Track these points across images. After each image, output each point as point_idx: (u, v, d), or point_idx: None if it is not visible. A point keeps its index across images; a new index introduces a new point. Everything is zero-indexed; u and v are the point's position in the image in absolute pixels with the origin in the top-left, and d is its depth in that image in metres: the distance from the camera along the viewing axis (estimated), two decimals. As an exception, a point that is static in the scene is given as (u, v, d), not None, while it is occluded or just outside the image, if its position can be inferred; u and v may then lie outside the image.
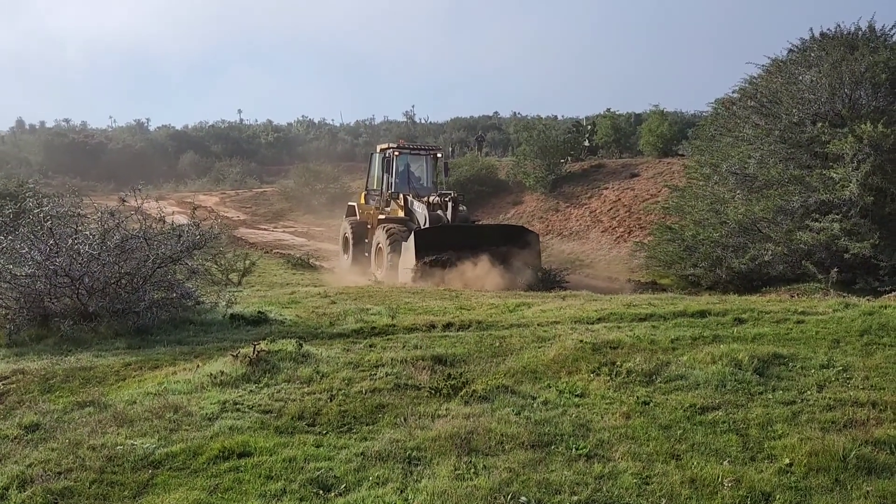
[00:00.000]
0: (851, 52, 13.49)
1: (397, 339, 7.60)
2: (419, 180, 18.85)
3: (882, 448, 4.31)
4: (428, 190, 18.22)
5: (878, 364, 5.98)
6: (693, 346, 6.69)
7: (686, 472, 4.05)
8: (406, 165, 18.55)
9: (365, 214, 18.81)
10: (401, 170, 18.25)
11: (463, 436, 4.49)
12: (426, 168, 19.14)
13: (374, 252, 17.21)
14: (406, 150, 18.77)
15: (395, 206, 17.71)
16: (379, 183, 18.61)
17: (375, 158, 19.04)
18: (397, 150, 18.29)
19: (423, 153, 19.32)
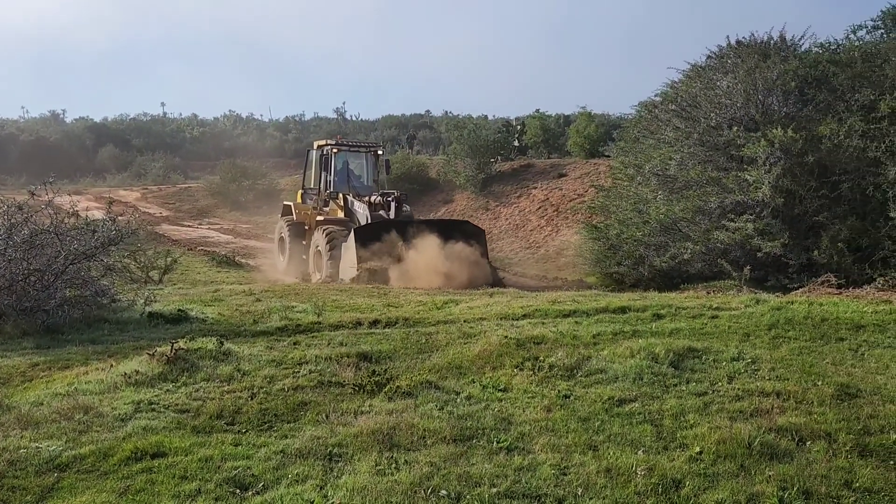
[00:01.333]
0: (764, 60, 14.08)
1: (322, 336, 7.53)
2: (359, 179, 18.16)
3: (784, 435, 4.53)
4: (368, 189, 17.55)
5: (783, 356, 6.28)
6: (613, 340, 6.86)
7: (602, 461, 4.15)
8: (345, 163, 17.82)
9: (302, 214, 18.06)
10: (339, 168, 17.49)
11: (385, 431, 4.49)
12: (366, 166, 18.41)
13: (312, 255, 16.52)
14: (345, 148, 18.01)
15: (334, 207, 17.08)
16: (316, 181, 17.91)
17: (312, 155, 18.35)
18: (336, 146, 17.48)
19: (363, 150, 18.58)
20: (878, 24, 13.40)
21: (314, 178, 18.12)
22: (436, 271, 13.74)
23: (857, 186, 11.85)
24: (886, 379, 5.68)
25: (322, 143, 17.96)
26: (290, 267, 17.54)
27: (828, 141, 12.01)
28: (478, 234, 15.78)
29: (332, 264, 15.13)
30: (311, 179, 18.36)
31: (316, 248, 16.27)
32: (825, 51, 14.07)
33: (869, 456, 4.32)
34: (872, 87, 12.33)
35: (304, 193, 18.60)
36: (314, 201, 17.84)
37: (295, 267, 17.38)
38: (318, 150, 17.93)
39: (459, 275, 13.82)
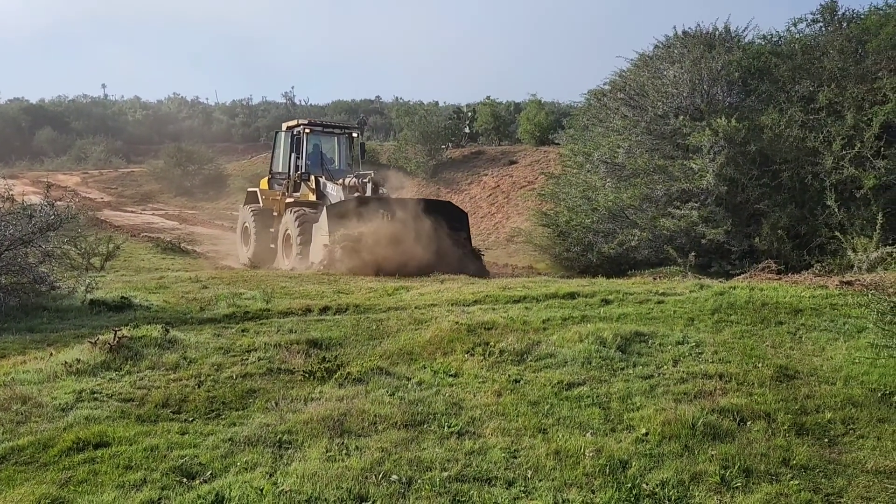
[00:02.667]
0: (709, 50, 14.37)
1: (271, 323, 7.43)
2: (332, 163, 17.01)
3: (726, 415, 4.66)
4: (342, 174, 16.12)
5: (725, 340, 6.45)
6: (563, 325, 6.95)
7: (552, 444, 4.21)
8: (317, 146, 16.73)
9: (269, 201, 16.93)
10: (311, 151, 16.41)
11: (336, 418, 4.47)
12: (340, 149, 17.25)
13: (281, 241, 15.39)
14: (318, 128, 16.82)
15: (305, 190, 16.00)
16: (285, 165, 16.83)
17: (281, 138, 17.25)
18: (308, 127, 16.32)
19: (338, 132, 17.39)
20: (816, 17, 13.80)
21: (283, 161, 17.07)
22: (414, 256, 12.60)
23: (796, 175, 12.22)
24: (822, 361, 5.89)
25: (293, 124, 16.84)
26: (255, 257, 16.53)
27: (769, 131, 12.34)
28: (460, 216, 14.85)
29: (303, 249, 14.15)
30: (280, 163, 17.28)
31: (285, 232, 15.22)
32: (767, 43, 14.44)
33: (805, 434, 4.48)
34: (811, 79, 12.72)
35: (271, 179, 17.50)
36: (283, 186, 16.75)
37: (261, 257, 16.38)
38: (287, 131, 16.87)
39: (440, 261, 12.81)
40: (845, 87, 12.02)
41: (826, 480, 3.91)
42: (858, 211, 11.39)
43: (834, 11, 13.56)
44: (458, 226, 14.19)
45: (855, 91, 11.84)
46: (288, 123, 17.16)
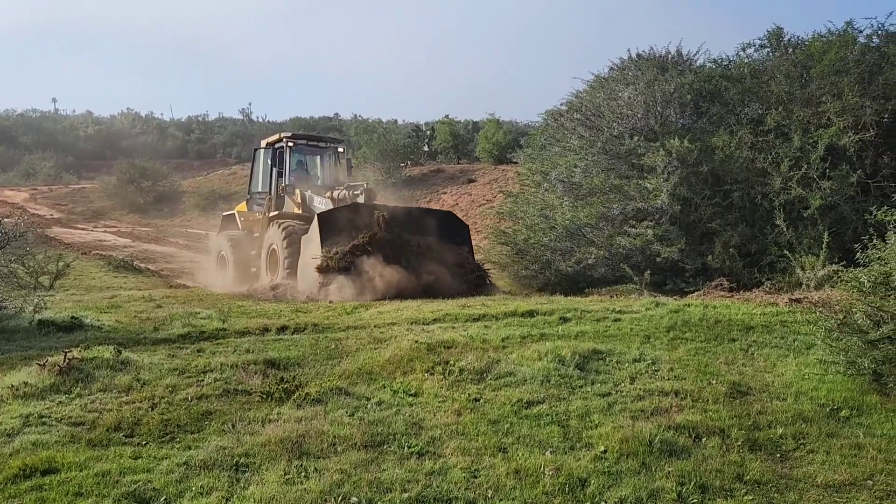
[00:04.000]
0: (663, 73, 14.72)
1: (228, 343, 7.32)
2: (316, 180, 16.00)
3: (682, 432, 4.74)
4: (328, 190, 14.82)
5: (681, 357, 6.57)
6: (522, 344, 6.99)
7: (512, 463, 4.22)
8: (301, 161, 15.88)
9: (249, 223, 15.90)
10: (294, 167, 15.44)
11: (294, 439, 4.41)
12: (326, 166, 16.32)
13: (265, 257, 14.17)
14: (302, 142, 15.83)
15: (289, 207, 14.91)
16: (266, 184, 15.71)
17: (261, 155, 16.23)
18: (292, 140, 15.31)
19: (323, 146, 16.36)
20: (764, 43, 14.23)
21: (263, 180, 16.02)
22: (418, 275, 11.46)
23: (746, 195, 12.53)
24: (773, 377, 6.04)
25: (274, 139, 15.80)
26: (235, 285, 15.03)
27: (720, 152, 12.65)
28: (462, 229, 13.66)
29: (291, 265, 12.90)
30: (260, 183, 16.22)
31: (270, 247, 13.98)
32: (718, 66, 14.83)
33: (758, 450, 4.57)
34: (760, 102, 13.10)
35: (250, 200, 16.45)
36: (264, 206, 15.63)
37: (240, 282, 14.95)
38: (268, 147, 15.87)
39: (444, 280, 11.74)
40: (792, 110, 12.41)
41: (778, 495, 3.99)
42: (806, 230, 11.72)
43: (780, 37, 14.01)
44: (460, 240, 13.17)
45: (801, 114, 12.23)
46: (268, 139, 16.14)
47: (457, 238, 12.93)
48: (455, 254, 12.45)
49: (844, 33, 12.78)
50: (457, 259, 12.36)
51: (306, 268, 11.97)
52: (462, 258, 12.55)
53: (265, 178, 15.86)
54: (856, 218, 11.22)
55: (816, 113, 12.06)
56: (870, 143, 11.51)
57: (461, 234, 13.32)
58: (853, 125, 11.51)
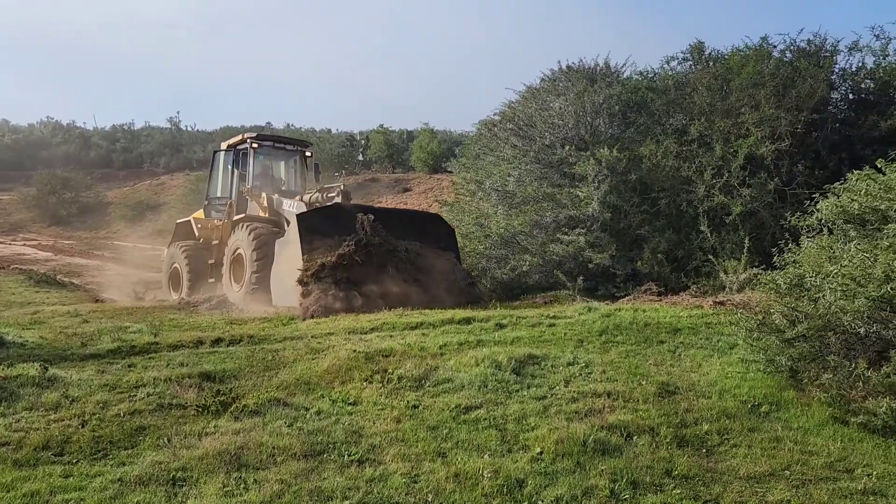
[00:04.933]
0: (592, 84, 15.15)
1: (160, 357, 7.16)
2: (281, 186, 14.86)
3: (614, 431, 4.91)
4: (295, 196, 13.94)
5: (612, 359, 6.79)
6: (459, 350, 7.09)
7: (451, 467, 4.30)
8: (265, 165, 14.82)
9: (207, 230, 14.77)
10: (258, 171, 14.37)
11: (233, 452, 4.38)
12: (292, 170, 15.30)
13: (228, 266, 12.94)
14: (268, 144, 14.73)
15: (254, 208, 13.74)
16: (225, 188, 14.70)
17: (220, 158, 15.19)
18: (257, 141, 14.25)
19: (291, 150, 15.24)
20: (686, 56, 14.82)
21: (222, 185, 14.98)
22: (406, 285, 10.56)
23: (672, 203, 13.00)
24: (699, 376, 6.31)
25: (236, 142, 14.71)
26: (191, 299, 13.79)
27: (647, 161, 13.09)
28: (449, 233, 12.71)
29: (261, 271, 11.79)
30: (219, 187, 15.17)
31: (234, 253, 12.76)
32: (644, 78, 15.37)
33: (686, 446, 4.78)
34: (684, 113, 13.62)
35: (207, 206, 15.31)
36: (224, 212, 14.53)
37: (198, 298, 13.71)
38: (229, 150, 14.77)
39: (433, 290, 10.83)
40: (713, 120, 12.95)
41: (705, 488, 4.19)
42: (728, 236, 12.23)
43: (701, 51, 14.61)
44: (445, 244, 12.20)
45: (722, 125, 12.77)
46: (230, 141, 15.09)
47: (441, 243, 12.00)
48: (443, 261, 11.57)
49: (760, 48, 13.43)
50: (444, 266, 11.48)
51: (282, 275, 10.77)
52: (450, 265, 11.67)
53: (225, 183, 14.83)
54: (774, 223, 11.78)
55: (736, 123, 12.62)
56: (785, 152, 12.11)
57: (447, 238, 12.34)
58: (770, 135, 12.09)
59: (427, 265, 11.14)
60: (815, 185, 10.74)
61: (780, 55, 13.23)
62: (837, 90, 13.35)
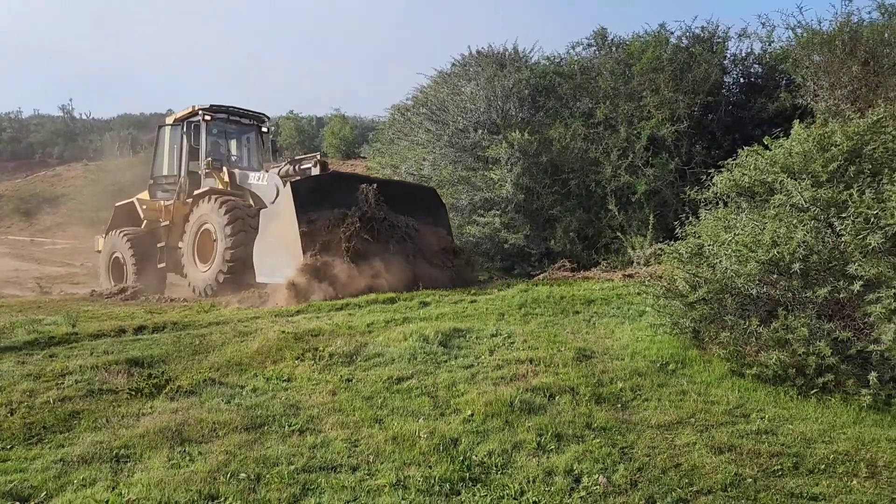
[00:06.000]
0: (501, 69, 15.57)
1: (83, 346, 7.04)
2: (237, 162, 13.73)
3: (538, 393, 5.27)
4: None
5: (532, 329, 7.18)
6: (386, 327, 7.31)
7: (389, 432, 4.54)
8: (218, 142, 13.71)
9: (155, 212, 13.46)
10: (209, 148, 13.22)
11: (174, 428, 4.46)
12: (248, 145, 14.16)
13: (191, 245, 11.74)
14: (222, 117, 13.48)
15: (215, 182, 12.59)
16: (173, 166, 13.46)
17: (166, 134, 13.94)
18: (209, 114, 13.09)
19: (246, 123, 14.06)
20: (591, 42, 15.45)
21: (169, 162, 13.71)
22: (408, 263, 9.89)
23: (582, 183, 13.60)
24: (612, 341, 6.77)
25: (185, 115, 13.49)
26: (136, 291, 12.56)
27: (557, 143, 13.64)
28: (439, 206, 11.78)
29: (237, 246, 10.73)
30: (165, 165, 13.86)
31: (198, 230, 11.55)
32: (551, 63, 15.91)
33: (603, 402, 5.19)
34: (590, 97, 14.24)
35: (153, 185, 14.06)
36: (172, 193, 13.33)
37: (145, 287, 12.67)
38: (176, 125, 13.62)
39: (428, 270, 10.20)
40: (618, 104, 13.61)
41: (621, 437, 4.59)
42: (634, 213, 12.93)
43: (604, 37, 15.26)
44: (436, 220, 11.39)
45: (625, 108, 13.45)
46: (177, 114, 13.84)
47: (432, 218, 11.17)
48: (437, 237, 10.92)
49: (658, 34, 14.17)
50: (441, 243, 10.84)
51: (269, 250, 9.78)
52: (446, 242, 11.02)
53: (173, 160, 13.62)
54: (675, 201, 12.54)
55: (639, 107, 13.31)
56: (684, 133, 12.90)
57: (438, 213, 11.52)
58: (670, 117, 12.84)
59: (424, 242, 10.54)
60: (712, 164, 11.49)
61: (676, 41, 14.00)
62: (729, 74, 14.28)
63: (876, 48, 11.31)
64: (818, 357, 5.09)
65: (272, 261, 9.70)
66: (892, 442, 4.38)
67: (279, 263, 9.46)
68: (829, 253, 5.27)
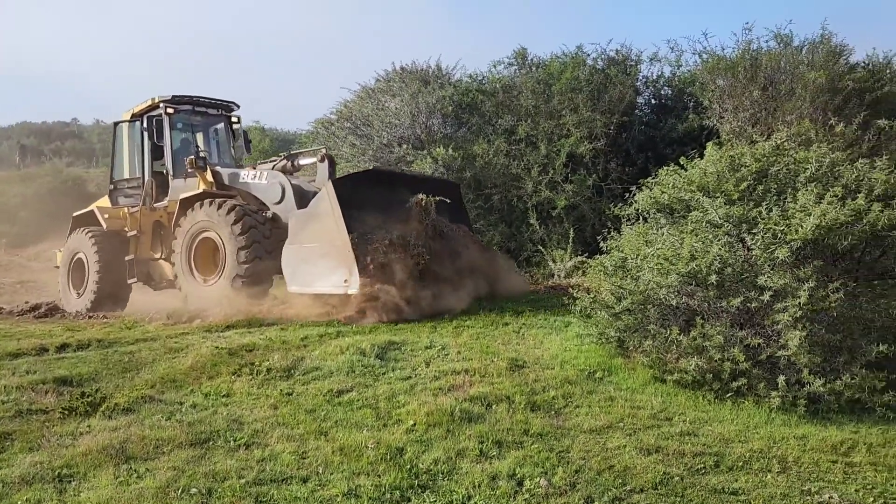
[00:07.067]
0: (425, 85, 15.85)
1: (2, 366, 6.77)
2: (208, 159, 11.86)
3: (476, 402, 5.47)
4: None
5: (465, 341, 7.38)
6: (321, 341, 7.37)
7: (335, 443, 4.63)
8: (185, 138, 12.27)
9: (120, 221, 11.94)
10: (176, 147, 11.84)
11: (116, 446, 4.42)
12: (216, 138, 12.69)
13: (186, 255, 10.42)
14: (186, 109, 12.01)
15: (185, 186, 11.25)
16: (135, 167, 12.00)
17: (124, 132, 12.33)
18: (172, 105, 11.62)
19: (213, 114, 12.54)
20: (512, 61, 15.94)
21: (129, 164, 12.17)
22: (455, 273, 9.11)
23: (504, 198, 13.99)
24: (542, 351, 7.06)
25: (144, 108, 11.90)
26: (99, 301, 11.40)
27: (480, 159, 13.99)
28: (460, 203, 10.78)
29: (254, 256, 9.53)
30: (125, 168, 12.28)
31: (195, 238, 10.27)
32: (474, 81, 16.29)
33: (538, 409, 5.44)
34: (512, 114, 14.68)
35: (114, 191, 12.47)
36: (137, 197, 11.92)
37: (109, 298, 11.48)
38: (135, 121, 12.08)
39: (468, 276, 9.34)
40: (538, 122, 14.10)
41: (557, 442, 4.84)
42: (554, 227, 13.40)
43: (525, 57, 15.77)
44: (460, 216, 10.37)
45: (546, 126, 13.95)
46: (135, 108, 12.21)
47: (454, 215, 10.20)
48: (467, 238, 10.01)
49: (576, 56, 14.78)
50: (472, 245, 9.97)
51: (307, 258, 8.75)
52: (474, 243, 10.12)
53: (134, 161, 12.10)
54: (593, 215, 13.10)
55: (558, 125, 13.83)
56: (601, 151, 13.49)
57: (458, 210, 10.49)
58: (588, 136, 13.41)
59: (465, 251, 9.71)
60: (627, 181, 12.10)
61: (593, 63, 14.64)
62: (642, 96, 15.06)
63: (774, 74, 12.21)
64: (732, 363, 5.50)
65: (310, 269, 8.73)
66: (799, 439, 4.81)
67: (319, 272, 8.59)
68: (742, 266, 5.72)
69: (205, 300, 9.65)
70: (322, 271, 8.56)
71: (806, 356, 5.21)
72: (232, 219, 9.68)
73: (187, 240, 10.42)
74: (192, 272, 10.38)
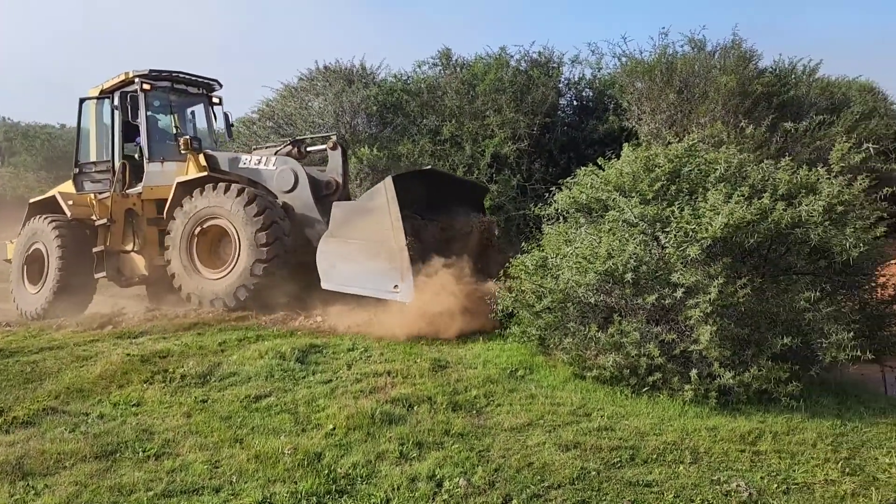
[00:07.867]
0: (349, 85, 15.68)
1: None
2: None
3: (397, 404, 5.42)
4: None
5: (388, 343, 7.31)
6: (240, 346, 7.17)
7: (251, 450, 4.50)
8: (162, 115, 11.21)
9: (86, 208, 10.87)
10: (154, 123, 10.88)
11: (13, 462, 4.17)
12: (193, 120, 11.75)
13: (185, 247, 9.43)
14: (164, 85, 10.95)
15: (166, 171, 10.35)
16: (104, 150, 10.99)
17: (91, 109, 11.24)
18: (148, 81, 10.57)
19: (194, 92, 11.54)
20: (436, 61, 15.94)
21: (97, 145, 11.16)
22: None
23: (432, 198, 13.97)
24: (465, 351, 7.07)
25: (117, 84, 10.82)
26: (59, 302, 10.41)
27: (405, 159, 13.93)
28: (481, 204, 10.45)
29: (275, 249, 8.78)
30: (93, 150, 11.25)
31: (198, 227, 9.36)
32: (399, 81, 16.22)
33: (459, 409, 5.43)
34: (436, 115, 14.68)
35: (79, 175, 11.36)
36: (106, 182, 10.90)
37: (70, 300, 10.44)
38: (104, 97, 11.03)
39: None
40: (463, 122, 14.14)
41: (478, 441, 4.84)
42: (480, 227, 13.46)
43: (449, 57, 15.79)
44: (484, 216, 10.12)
45: (470, 126, 14.00)
46: (105, 84, 11.03)
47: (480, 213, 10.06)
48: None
49: (500, 57, 14.90)
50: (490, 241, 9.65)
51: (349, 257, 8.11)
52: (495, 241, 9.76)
53: (102, 142, 11.08)
54: (518, 215, 13.22)
55: (483, 125, 13.91)
56: (525, 151, 13.63)
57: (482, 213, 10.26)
58: (512, 136, 13.53)
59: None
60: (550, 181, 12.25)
61: (516, 64, 14.78)
62: (564, 97, 15.28)
63: (688, 78, 12.60)
64: (648, 358, 5.64)
65: (352, 268, 8.10)
66: (710, 431, 4.96)
67: (364, 273, 7.96)
68: (656, 263, 5.86)
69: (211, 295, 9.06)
70: (368, 272, 7.94)
71: (716, 350, 5.38)
72: (254, 206, 8.86)
73: (187, 231, 9.45)
74: (195, 265, 9.45)
